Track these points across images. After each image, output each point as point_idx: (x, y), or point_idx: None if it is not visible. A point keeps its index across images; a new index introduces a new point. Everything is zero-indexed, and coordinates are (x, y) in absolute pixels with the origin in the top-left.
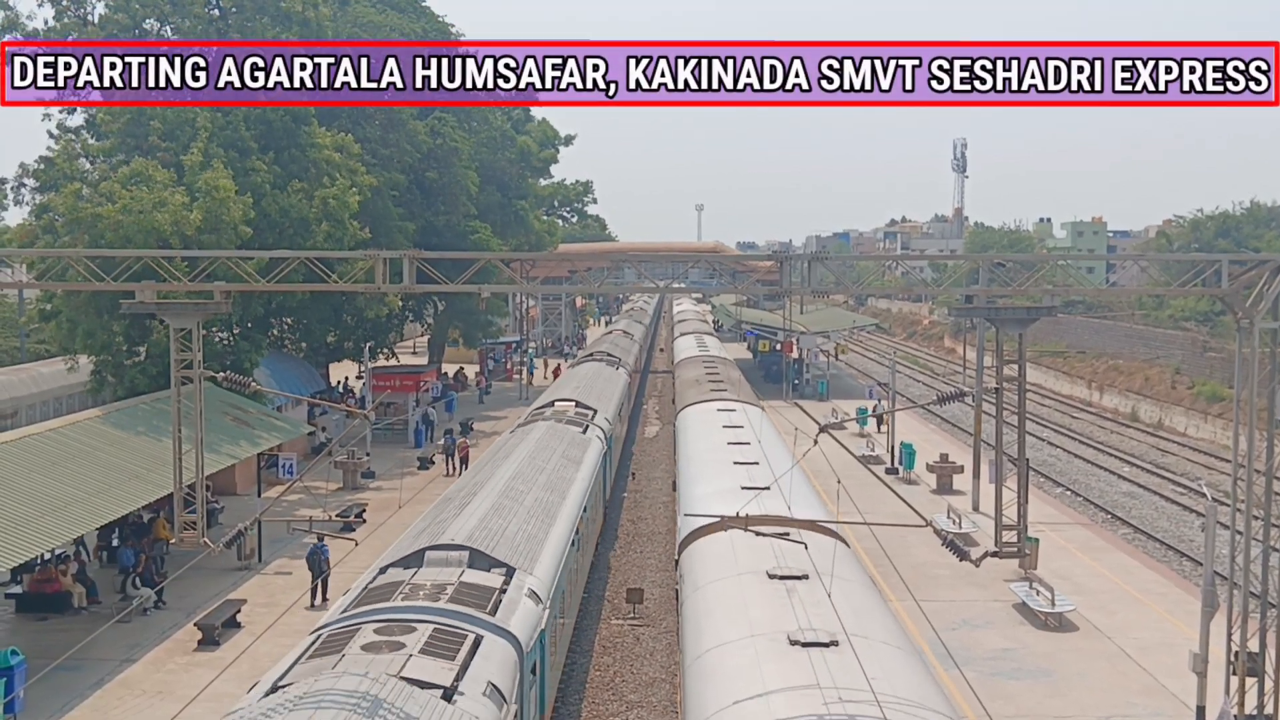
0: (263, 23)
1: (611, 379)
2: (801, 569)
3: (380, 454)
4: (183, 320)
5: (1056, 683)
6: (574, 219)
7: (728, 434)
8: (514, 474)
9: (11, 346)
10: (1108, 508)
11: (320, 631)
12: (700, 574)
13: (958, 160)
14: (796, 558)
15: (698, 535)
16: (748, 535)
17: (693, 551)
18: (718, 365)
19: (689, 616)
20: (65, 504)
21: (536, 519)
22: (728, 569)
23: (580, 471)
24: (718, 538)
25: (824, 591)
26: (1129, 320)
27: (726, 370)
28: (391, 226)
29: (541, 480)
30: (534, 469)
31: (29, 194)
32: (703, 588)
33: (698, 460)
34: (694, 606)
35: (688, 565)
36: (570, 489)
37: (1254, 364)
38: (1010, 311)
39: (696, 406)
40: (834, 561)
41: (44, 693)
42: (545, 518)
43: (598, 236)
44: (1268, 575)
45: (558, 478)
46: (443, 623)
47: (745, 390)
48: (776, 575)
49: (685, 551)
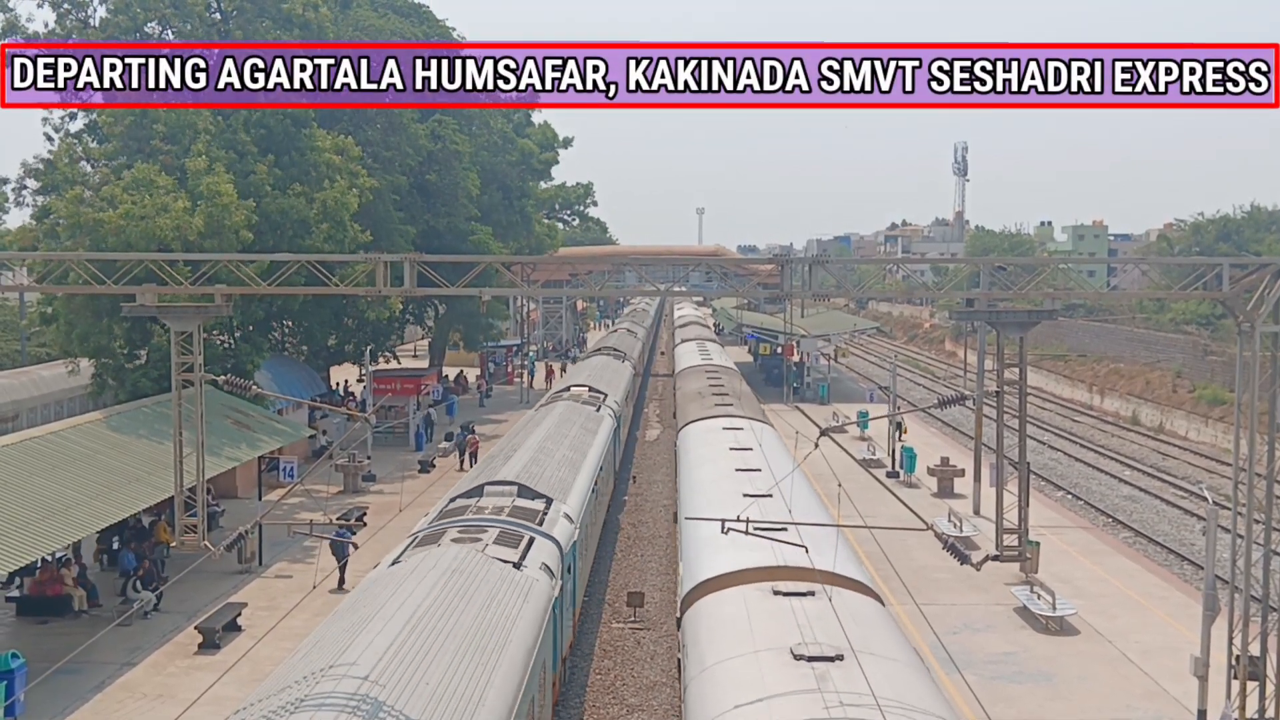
0: (264, 26)
1: (618, 370)
2: (834, 645)
3: (381, 457)
4: (184, 323)
5: (1057, 686)
6: (575, 222)
7: (735, 458)
8: (545, 436)
9: (12, 349)
10: (1109, 511)
11: (415, 535)
12: (707, 647)
13: (958, 163)
14: (827, 628)
15: (704, 591)
16: (765, 594)
17: (698, 613)
18: (721, 375)
19: (693, 704)
20: (66, 507)
21: (566, 467)
22: (742, 644)
23: (596, 438)
24: (729, 596)
25: (863, 679)
26: (1130, 324)
27: (731, 381)
28: (392, 229)
29: (566, 442)
30: (560, 434)
31: (30, 196)
32: (710, 668)
33: (702, 489)
34: (699, 693)
35: (691, 631)
36: (589, 449)
37: (1255, 368)
38: (1011, 315)
39: (700, 424)
40: (872, 633)
41: (44, 696)
42: (572, 467)
43: (599, 240)
44: (1269, 579)
45: (579, 441)
46: (505, 527)
47: (752, 404)
48: (803, 655)
49: (689, 612)
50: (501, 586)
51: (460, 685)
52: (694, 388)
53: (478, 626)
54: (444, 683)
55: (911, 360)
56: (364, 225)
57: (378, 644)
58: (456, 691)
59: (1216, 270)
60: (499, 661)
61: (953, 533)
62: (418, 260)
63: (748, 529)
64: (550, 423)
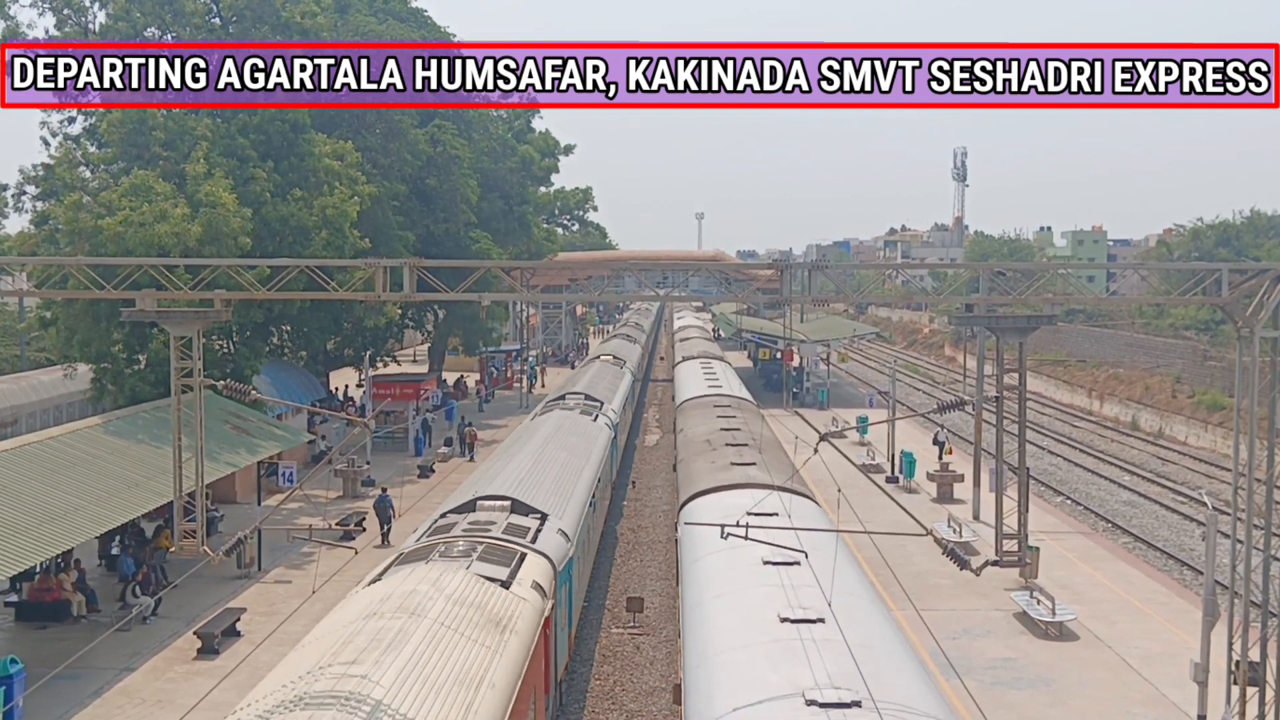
0: (263, 31)
1: (616, 376)
2: None
3: (380, 462)
4: (183, 328)
5: (1057, 692)
6: (574, 227)
7: (778, 599)
8: (540, 447)
9: (11, 354)
10: (1108, 516)
11: (401, 553)
12: None
13: (958, 169)
14: None
15: None
16: None
17: None
18: (735, 412)
19: None
20: (65, 512)
21: (561, 481)
22: None
23: (593, 450)
24: None
25: None
26: (1129, 329)
27: (748, 420)
28: (392, 235)
29: (562, 455)
30: (556, 445)
31: (29, 201)
32: None
33: (731, 685)
34: None
35: None
36: (586, 462)
37: (1254, 373)
38: (1010, 320)
39: (710, 500)
40: None
41: (43, 701)
42: (568, 481)
43: (598, 245)
44: (1268, 584)
45: (576, 452)
46: (496, 543)
47: (779, 455)
48: None
49: None
50: (490, 604)
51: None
52: (700, 431)
53: (460, 658)
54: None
55: (911, 365)
56: (363, 231)
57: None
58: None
59: (1216, 275)
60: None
61: (952, 538)
62: (417, 265)
63: None
64: (545, 432)
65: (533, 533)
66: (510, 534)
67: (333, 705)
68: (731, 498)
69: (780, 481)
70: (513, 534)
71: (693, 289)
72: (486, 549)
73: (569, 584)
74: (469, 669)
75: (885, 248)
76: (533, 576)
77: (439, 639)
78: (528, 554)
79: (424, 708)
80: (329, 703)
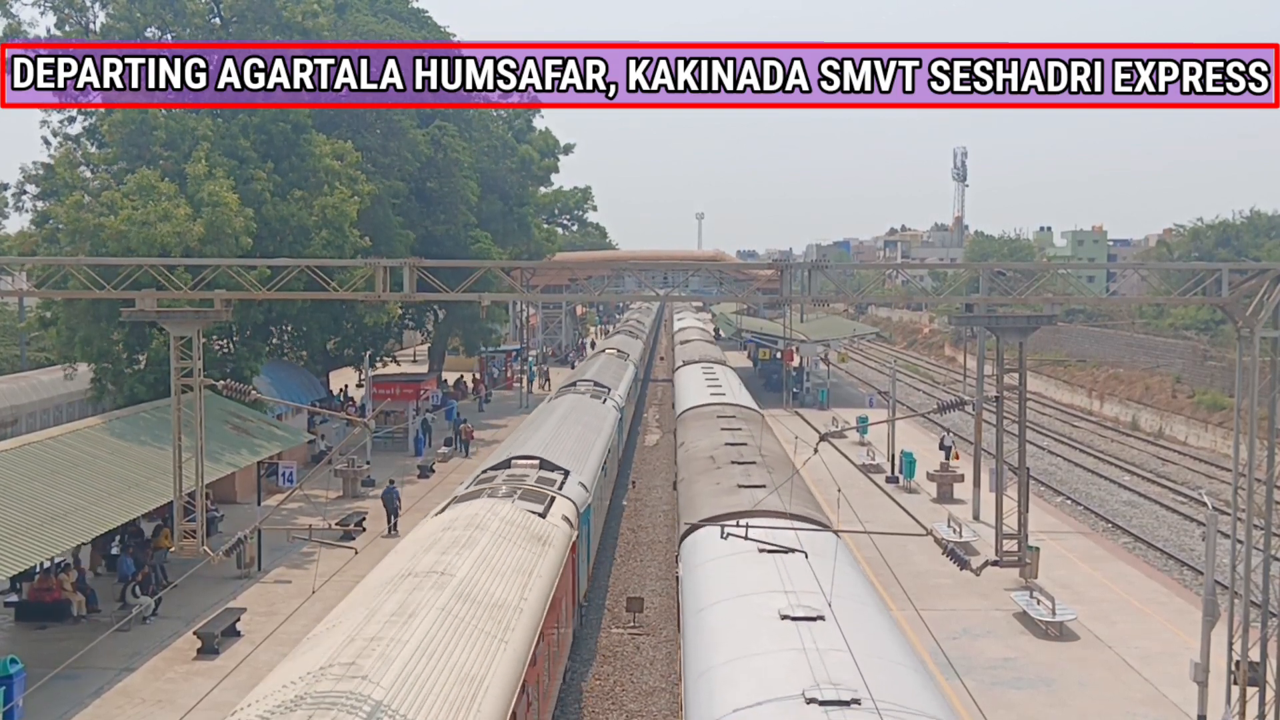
0: (264, 31)
1: (621, 367)
2: None
3: (380, 462)
4: (183, 328)
5: (1057, 692)
6: (574, 227)
7: (789, 633)
8: (559, 421)
9: (12, 354)
10: (1108, 516)
11: (455, 496)
12: None
13: (958, 169)
14: None
15: None
16: None
17: None
18: (740, 425)
19: None
20: (65, 512)
21: (579, 446)
22: None
23: (604, 425)
24: None
25: None
26: (1129, 329)
27: (755, 433)
28: (392, 235)
29: (579, 427)
30: (572, 420)
31: (30, 201)
32: None
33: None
34: None
35: None
36: (598, 434)
37: (1254, 373)
38: (1010, 320)
39: (714, 534)
40: None
41: (43, 701)
42: (584, 446)
43: (598, 245)
44: (1269, 584)
45: (589, 426)
46: (531, 488)
47: (804, 496)
48: None
49: None
50: (532, 526)
51: (504, 592)
52: (703, 445)
53: (515, 555)
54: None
55: (911, 365)
56: (363, 231)
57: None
58: (501, 601)
59: (1216, 275)
60: (531, 580)
61: (952, 538)
62: (417, 265)
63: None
64: (563, 411)
65: (559, 483)
66: (541, 483)
67: (431, 577)
68: (749, 553)
69: (792, 503)
70: (543, 484)
71: (693, 289)
72: (525, 492)
73: (587, 526)
74: (522, 563)
75: (885, 248)
76: (562, 512)
77: (498, 543)
78: (556, 497)
79: (492, 586)
80: (427, 579)
